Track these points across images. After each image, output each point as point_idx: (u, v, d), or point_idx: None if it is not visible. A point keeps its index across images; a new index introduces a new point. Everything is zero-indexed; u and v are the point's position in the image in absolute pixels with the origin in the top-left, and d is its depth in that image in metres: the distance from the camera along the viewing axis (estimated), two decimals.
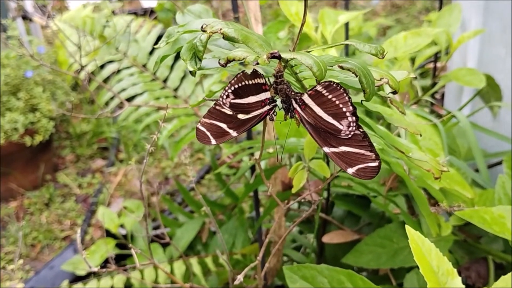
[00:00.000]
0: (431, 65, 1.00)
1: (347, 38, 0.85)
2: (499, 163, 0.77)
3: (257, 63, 0.27)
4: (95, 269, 0.46)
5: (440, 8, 0.93)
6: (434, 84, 0.88)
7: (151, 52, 1.13)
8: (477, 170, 0.74)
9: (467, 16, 0.87)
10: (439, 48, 0.84)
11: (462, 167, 0.70)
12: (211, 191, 1.52)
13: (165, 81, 1.08)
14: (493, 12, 0.84)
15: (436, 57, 0.94)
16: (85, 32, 1.12)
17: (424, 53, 0.83)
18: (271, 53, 0.27)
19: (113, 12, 1.19)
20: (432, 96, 0.99)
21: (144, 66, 1.11)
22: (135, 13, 2.00)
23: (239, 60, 0.27)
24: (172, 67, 1.08)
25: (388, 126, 0.71)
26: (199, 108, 0.96)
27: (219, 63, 0.29)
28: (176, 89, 1.06)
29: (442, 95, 1.19)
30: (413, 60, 0.94)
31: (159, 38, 1.18)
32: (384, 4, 2.77)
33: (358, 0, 2.76)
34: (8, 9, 1.76)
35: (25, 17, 1.90)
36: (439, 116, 0.92)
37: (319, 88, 0.31)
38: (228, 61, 0.28)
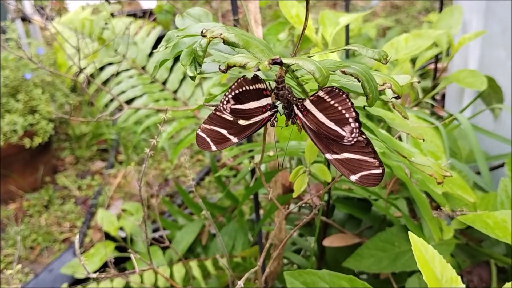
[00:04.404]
0: (432, 67, 1.00)
1: (347, 40, 0.84)
2: (501, 165, 0.77)
3: (258, 69, 0.27)
4: (94, 275, 0.46)
5: (441, 9, 0.92)
6: (435, 86, 0.88)
7: (150, 54, 1.12)
8: (478, 173, 0.73)
9: (468, 17, 0.87)
10: (440, 49, 0.83)
11: (463, 169, 0.70)
12: (210, 193, 1.52)
13: (164, 83, 1.08)
14: (494, 14, 0.83)
15: (437, 59, 0.94)
16: (84, 34, 1.11)
17: (425, 55, 0.83)
18: (273, 59, 0.26)
19: (112, 14, 1.18)
20: (433, 97, 0.99)
21: (143, 68, 1.10)
22: (134, 15, 2.00)
23: (239, 66, 0.27)
24: (171, 69, 1.08)
25: (389, 129, 0.71)
26: (199, 111, 0.96)
27: (219, 68, 0.28)
28: (175, 91, 1.06)
29: (442, 96, 1.19)
30: (413, 61, 0.93)
31: (158, 40, 1.18)
32: (384, 5, 2.77)
33: (358, 0, 2.75)
34: (7, 11, 1.76)
35: (24, 19, 1.90)
36: (440, 117, 0.92)
37: (321, 93, 0.30)
38: (229, 67, 0.27)
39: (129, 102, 1.05)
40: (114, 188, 1.59)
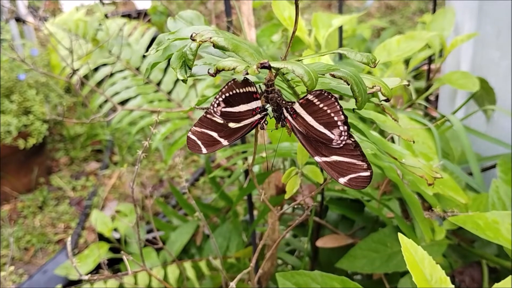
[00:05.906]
0: (426, 67, 1.00)
1: (341, 41, 0.84)
2: (493, 166, 0.77)
3: (247, 73, 0.27)
4: (86, 277, 0.46)
5: (434, 10, 0.93)
6: (428, 87, 0.88)
7: (144, 56, 1.12)
8: (470, 174, 0.74)
9: (461, 19, 0.87)
10: (433, 51, 0.83)
11: (455, 171, 0.70)
12: (205, 194, 1.52)
13: (158, 84, 1.08)
14: (486, 15, 0.84)
15: (430, 60, 0.94)
16: (78, 35, 1.11)
17: (418, 56, 0.83)
18: (261, 63, 0.26)
19: (106, 15, 1.18)
20: (426, 98, 0.99)
21: (138, 69, 1.10)
22: (129, 15, 2.00)
23: (228, 69, 0.27)
24: (165, 70, 1.08)
25: (382, 130, 0.71)
26: (193, 112, 0.96)
27: (208, 72, 0.28)
28: (169, 92, 1.06)
29: (436, 97, 1.20)
30: (407, 62, 0.93)
31: (152, 41, 1.17)
32: (378, 6, 2.77)
33: (353, 0, 2.76)
34: (2, 12, 1.75)
35: (19, 19, 1.89)
36: (433, 118, 0.92)
37: (310, 97, 0.30)
38: (218, 70, 0.28)
39: (123, 103, 1.05)
40: (109, 189, 1.59)
